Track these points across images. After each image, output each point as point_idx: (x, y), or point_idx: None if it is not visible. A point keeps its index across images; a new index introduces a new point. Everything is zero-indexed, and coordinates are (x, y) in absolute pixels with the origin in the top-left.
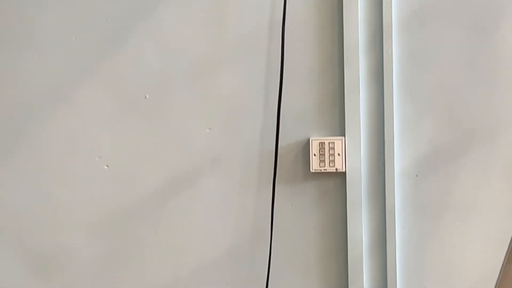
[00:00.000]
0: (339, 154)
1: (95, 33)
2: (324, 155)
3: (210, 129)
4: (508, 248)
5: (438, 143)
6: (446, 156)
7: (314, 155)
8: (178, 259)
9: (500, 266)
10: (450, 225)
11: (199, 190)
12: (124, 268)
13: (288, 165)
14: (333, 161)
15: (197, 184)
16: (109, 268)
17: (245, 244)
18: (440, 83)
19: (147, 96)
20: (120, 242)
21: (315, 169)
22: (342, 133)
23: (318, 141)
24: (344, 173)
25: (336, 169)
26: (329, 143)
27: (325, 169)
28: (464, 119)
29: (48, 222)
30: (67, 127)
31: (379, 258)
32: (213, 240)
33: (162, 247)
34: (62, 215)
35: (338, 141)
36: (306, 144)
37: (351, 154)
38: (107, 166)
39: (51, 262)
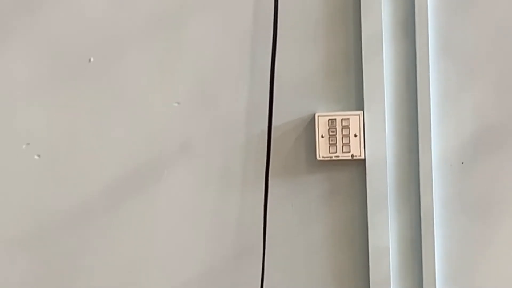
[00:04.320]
0: (355, 136)
1: None
2: (335, 137)
3: (178, 103)
4: None
5: (490, 118)
6: (501, 137)
7: (322, 137)
8: (136, 282)
9: None
10: (508, 228)
11: (164, 187)
12: None
13: (286, 151)
14: (348, 144)
15: (161, 178)
16: None
17: (228, 261)
18: (493, 39)
19: (91, 59)
20: (56, 260)
21: (323, 156)
22: (360, 107)
23: (327, 118)
24: (363, 161)
25: (352, 155)
26: (342, 120)
27: (337, 156)
28: None
29: None
30: None
31: (413, 276)
32: (183, 255)
33: (114, 265)
34: None
35: (354, 118)
36: (311, 122)
37: (373, 135)
38: (38, 156)
39: None
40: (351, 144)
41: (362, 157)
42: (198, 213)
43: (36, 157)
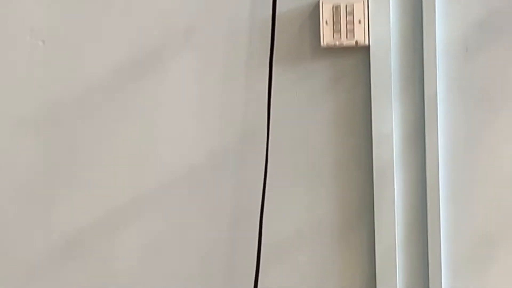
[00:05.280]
0: (360, 22)
1: None
2: (340, 24)
3: None
4: None
5: (496, 4)
6: (506, 23)
7: (326, 23)
8: (140, 169)
9: None
10: (511, 114)
11: (169, 73)
12: (66, 182)
13: (290, 38)
14: (352, 31)
15: (165, 64)
16: (45, 181)
17: (232, 147)
18: None
19: None
20: (60, 145)
21: (327, 43)
22: None
23: (331, 4)
24: (367, 48)
25: (356, 42)
26: (346, 6)
27: (341, 43)
28: None
29: None
30: None
31: (416, 160)
32: (187, 141)
33: (118, 152)
34: None
35: (358, 4)
36: (315, 9)
37: (377, 22)
38: (43, 42)
39: None
40: (355, 30)
41: (366, 43)
42: (202, 99)
43: (40, 43)
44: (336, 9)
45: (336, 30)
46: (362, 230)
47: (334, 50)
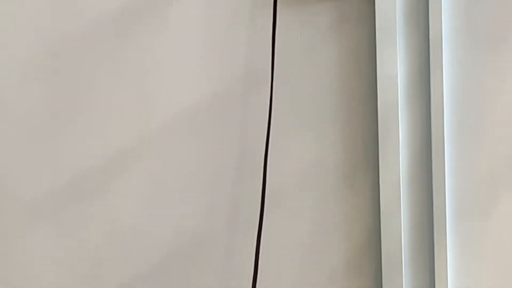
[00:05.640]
0: None
1: None
2: None
3: None
4: None
5: None
6: None
7: None
8: (145, 109)
9: None
10: None
11: (172, 15)
12: (70, 123)
13: None
14: None
15: (168, 5)
16: (50, 123)
17: (237, 87)
18: None
19: None
20: (64, 87)
21: None
22: None
23: None
24: None
25: None
26: None
27: None
28: None
29: None
30: None
31: (421, 103)
32: (193, 82)
33: (122, 92)
34: None
35: None
36: None
37: None
38: None
39: None
40: None
41: None
42: (206, 40)
43: None
44: None
45: None
46: (366, 172)
47: None
